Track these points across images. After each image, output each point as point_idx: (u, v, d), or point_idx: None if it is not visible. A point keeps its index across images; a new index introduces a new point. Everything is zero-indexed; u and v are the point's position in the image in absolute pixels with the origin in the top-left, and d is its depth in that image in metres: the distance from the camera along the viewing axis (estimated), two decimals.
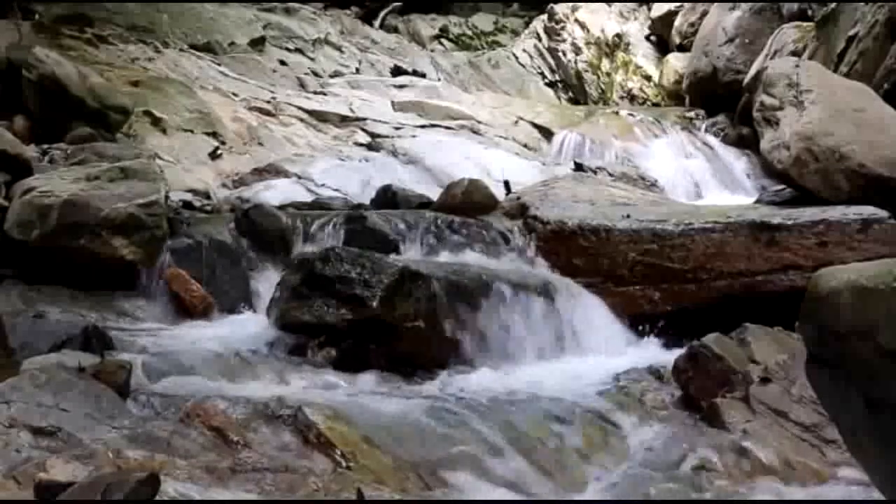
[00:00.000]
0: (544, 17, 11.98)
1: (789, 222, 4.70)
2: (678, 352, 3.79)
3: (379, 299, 3.94)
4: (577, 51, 11.54)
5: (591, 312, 4.49)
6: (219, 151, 7.39)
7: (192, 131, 7.52)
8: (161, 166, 5.51)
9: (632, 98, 11.10)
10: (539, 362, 4.18)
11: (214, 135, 7.59)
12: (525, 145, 8.95)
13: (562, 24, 11.71)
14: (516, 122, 9.34)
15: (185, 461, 2.74)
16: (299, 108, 8.71)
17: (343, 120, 8.68)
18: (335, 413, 3.13)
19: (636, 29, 11.45)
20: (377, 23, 13.05)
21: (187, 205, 5.56)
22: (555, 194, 5.46)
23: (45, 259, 4.43)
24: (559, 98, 11.53)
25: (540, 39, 11.91)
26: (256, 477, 2.74)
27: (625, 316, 4.54)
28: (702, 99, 9.65)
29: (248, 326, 4.24)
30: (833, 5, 7.82)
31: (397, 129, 8.56)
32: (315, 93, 9.49)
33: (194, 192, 6.17)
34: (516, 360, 4.16)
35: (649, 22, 11.38)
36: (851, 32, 7.24)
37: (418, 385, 3.79)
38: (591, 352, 4.30)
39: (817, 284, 1.96)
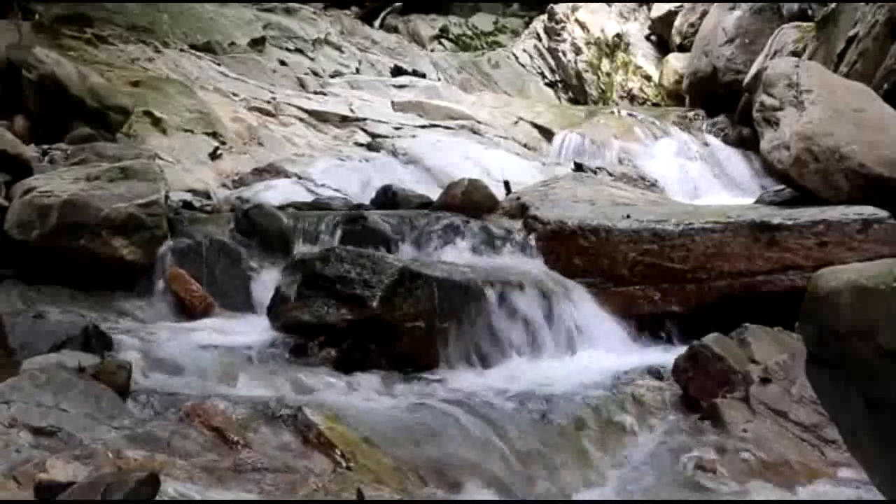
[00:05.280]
0: (544, 17, 11.98)
1: (789, 222, 4.69)
2: (678, 352, 3.79)
3: (379, 299, 3.94)
4: (577, 51, 11.54)
5: (590, 312, 4.49)
6: (219, 151, 7.39)
7: (192, 131, 7.52)
8: (161, 166, 5.50)
9: (632, 98, 11.10)
10: (539, 362, 4.17)
11: (214, 135, 7.58)
12: (525, 145, 8.95)
13: (562, 25, 11.71)
14: (516, 122, 9.34)
15: (185, 461, 2.74)
16: (299, 108, 8.70)
17: (343, 120, 8.67)
18: (335, 413, 3.13)
19: (636, 29, 11.45)
20: (377, 23, 13.05)
21: (187, 205, 5.55)
22: (555, 194, 5.46)
23: (45, 259, 4.44)
24: (559, 98, 11.53)
25: (540, 39, 11.91)
26: (256, 477, 2.74)
27: (625, 316, 4.54)
28: (702, 99, 9.65)
29: (248, 326, 4.24)
30: (833, 5, 7.82)
31: (397, 129, 8.56)
32: (315, 93, 9.49)
33: (194, 192, 6.17)
34: (516, 360, 4.15)
35: (649, 22, 11.37)
36: (851, 33, 7.24)
37: (418, 385, 3.79)
38: (591, 352, 4.29)
39: (817, 284, 1.96)
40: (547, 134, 9.14)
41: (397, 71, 10.98)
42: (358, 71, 10.91)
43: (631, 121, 9.21)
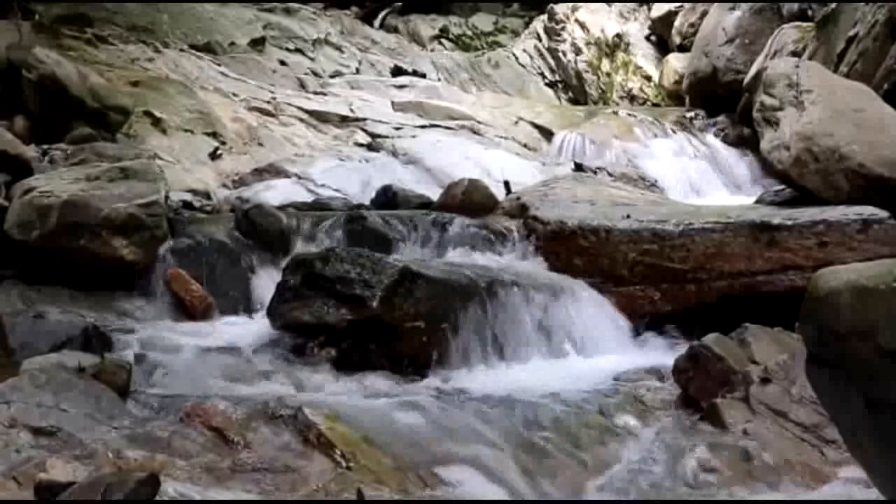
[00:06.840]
0: (544, 17, 11.98)
1: (789, 222, 4.69)
2: (678, 352, 3.79)
3: (379, 299, 3.94)
4: (577, 51, 11.54)
5: (591, 312, 4.49)
6: (219, 151, 7.39)
7: (192, 131, 7.52)
8: (161, 166, 5.51)
9: (632, 98, 11.10)
10: (539, 362, 4.18)
11: (214, 135, 7.59)
12: (525, 145, 8.95)
13: (562, 25, 11.72)
14: (516, 122, 9.34)
15: (185, 461, 2.75)
16: (299, 108, 8.71)
17: (343, 120, 8.68)
18: (335, 413, 3.13)
19: (636, 29, 11.45)
20: (377, 23, 13.06)
21: (187, 205, 5.56)
22: (555, 194, 5.46)
23: (45, 259, 4.43)
24: (559, 98, 11.54)
25: (540, 39, 11.92)
26: (256, 477, 2.74)
27: (625, 316, 4.54)
28: (702, 99, 9.65)
29: (248, 326, 4.25)
30: (833, 5, 7.82)
31: (397, 129, 8.56)
32: (315, 93, 9.49)
33: (194, 192, 6.18)
34: (516, 360, 4.16)
35: (649, 22, 11.38)
36: (851, 33, 7.24)
37: (418, 385, 3.79)
38: (591, 352, 4.29)
39: (817, 284, 1.95)
40: (547, 134, 9.14)
41: (397, 71, 10.98)
42: (358, 71, 10.92)
43: (631, 121, 9.21)
